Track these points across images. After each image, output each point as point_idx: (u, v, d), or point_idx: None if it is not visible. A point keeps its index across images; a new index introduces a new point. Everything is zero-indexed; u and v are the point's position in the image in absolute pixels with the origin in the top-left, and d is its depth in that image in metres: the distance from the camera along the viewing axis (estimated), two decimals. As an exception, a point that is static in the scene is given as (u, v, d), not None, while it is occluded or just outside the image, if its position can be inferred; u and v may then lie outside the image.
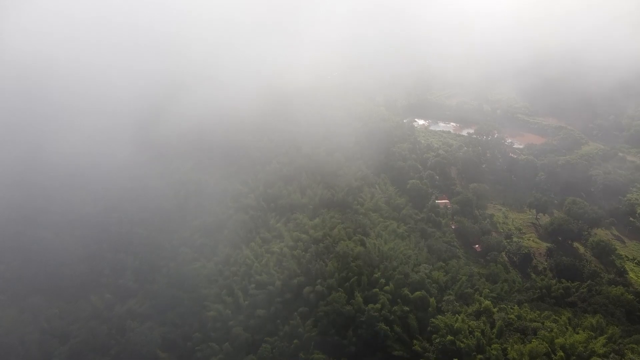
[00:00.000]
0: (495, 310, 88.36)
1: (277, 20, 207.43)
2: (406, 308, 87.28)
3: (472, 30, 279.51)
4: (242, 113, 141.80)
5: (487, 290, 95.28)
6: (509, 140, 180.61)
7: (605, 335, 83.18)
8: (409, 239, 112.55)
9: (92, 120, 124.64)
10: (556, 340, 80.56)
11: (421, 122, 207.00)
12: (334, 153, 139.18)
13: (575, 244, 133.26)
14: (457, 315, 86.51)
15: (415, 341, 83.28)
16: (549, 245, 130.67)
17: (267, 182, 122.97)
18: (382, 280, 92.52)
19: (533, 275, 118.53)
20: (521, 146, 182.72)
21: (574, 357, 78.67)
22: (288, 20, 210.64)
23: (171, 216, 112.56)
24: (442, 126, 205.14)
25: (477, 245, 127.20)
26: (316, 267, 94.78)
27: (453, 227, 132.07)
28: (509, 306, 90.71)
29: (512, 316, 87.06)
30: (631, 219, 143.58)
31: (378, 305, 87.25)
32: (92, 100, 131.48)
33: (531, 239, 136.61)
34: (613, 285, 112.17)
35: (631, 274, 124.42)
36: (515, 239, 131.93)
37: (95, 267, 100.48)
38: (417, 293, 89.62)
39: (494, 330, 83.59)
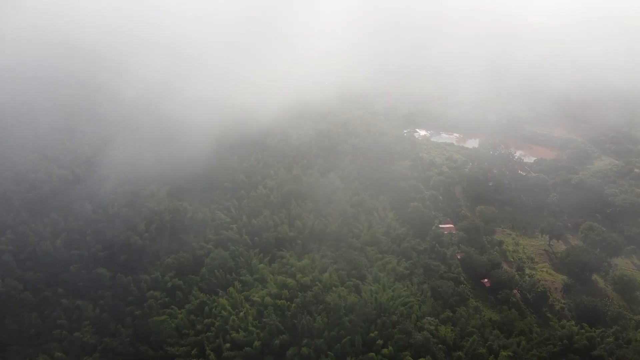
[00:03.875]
0: (514, 380, 71.63)
1: (271, 24, 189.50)
2: (408, 379, 70.70)
3: (473, 36, 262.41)
4: (227, 129, 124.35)
5: (504, 353, 78.22)
6: (517, 154, 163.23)
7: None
8: (410, 278, 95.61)
9: (50, 140, 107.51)
10: None
11: (422, 132, 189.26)
12: (328, 173, 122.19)
13: (594, 276, 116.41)
14: (469, 388, 69.95)
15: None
16: (564, 278, 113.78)
17: (252, 211, 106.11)
18: (380, 341, 75.75)
19: (550, 317, 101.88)
20: (530, 161, 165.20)
21: None
22: (282, 25, 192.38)
23: (141, 253, 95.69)
24: (444, 137, 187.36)
25: (486, 280, 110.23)
26: (303, 322, 77.96)
27: (459, 257, 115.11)
28: (531, 374, 73.84)
29: (535, 390, 70.39)
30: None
31: (375, 376, 70.67)
32: (50, 115, 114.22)
33: (545, 269, 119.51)
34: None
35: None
36: (527, 271, 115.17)
37: (48, 317, 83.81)
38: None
39: (515, 411, 67.00)
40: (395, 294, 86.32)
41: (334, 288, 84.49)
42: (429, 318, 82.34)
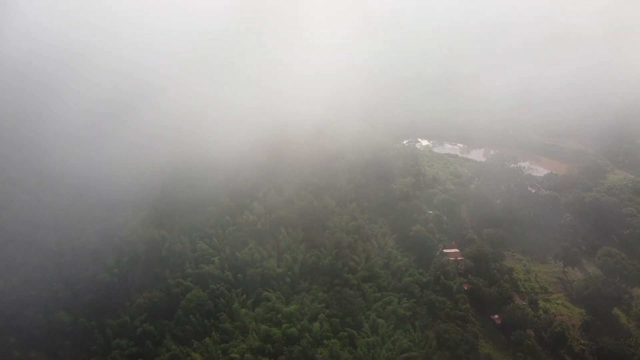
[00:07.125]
0: None
1: (261, 29, 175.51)
2: None
3: (473, 39, 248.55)
4: (213, 147, 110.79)
5: None
6: (524, 165, 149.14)
7: None
8: (412, 322, 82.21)
9: (16, 159, 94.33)
10: None
11: (424, 142, 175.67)
12: (323, 195, 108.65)
13: (615, 310, 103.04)
14: None
15: None
16: (582, 312, 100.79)
17: (237, 241, 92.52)
18: (378, 414, 62.59)
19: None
20: (540, 174, 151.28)
21: None
22: (274, 31, 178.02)
23: (110, 291, 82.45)
24: (448, 148, 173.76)
25: (496, 316, 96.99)
26: (287, 387, 64.89)
27: (465, 288, 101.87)
28: None
29: None
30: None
31: None
32: (17, 132, 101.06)
33: (560, 301, 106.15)
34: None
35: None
36: (541, 304, 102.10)
37: (-4, 374, 71.12)
38: None
39: None
40: (395, 347, 72.97)
41: (325, 341, 71.20)
42: (435, 379, 69.15)
